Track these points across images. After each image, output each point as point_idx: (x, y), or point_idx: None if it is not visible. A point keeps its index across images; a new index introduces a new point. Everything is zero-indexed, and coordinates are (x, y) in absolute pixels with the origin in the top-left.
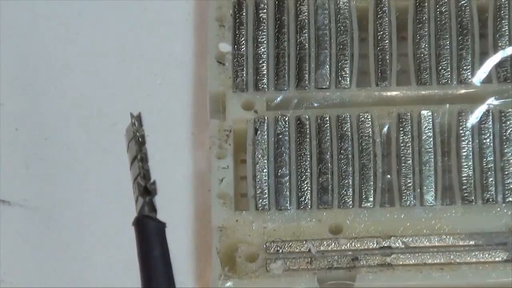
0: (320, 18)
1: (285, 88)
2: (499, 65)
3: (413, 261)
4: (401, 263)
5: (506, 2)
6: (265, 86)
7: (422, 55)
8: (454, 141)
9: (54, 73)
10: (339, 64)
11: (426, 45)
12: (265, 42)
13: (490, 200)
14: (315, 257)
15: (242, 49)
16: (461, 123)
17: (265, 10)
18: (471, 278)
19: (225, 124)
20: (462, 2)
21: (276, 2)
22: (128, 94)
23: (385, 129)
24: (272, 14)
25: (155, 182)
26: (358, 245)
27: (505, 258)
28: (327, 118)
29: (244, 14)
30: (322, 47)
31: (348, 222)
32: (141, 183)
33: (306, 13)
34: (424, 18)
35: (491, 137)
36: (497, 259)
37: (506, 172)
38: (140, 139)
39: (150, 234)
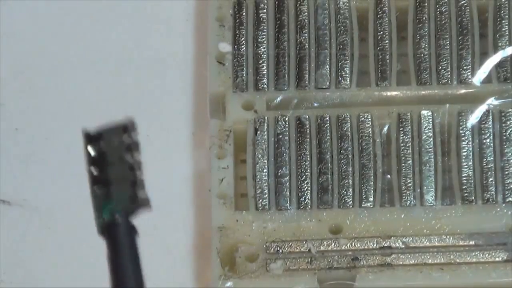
0: (320, 18)
1: (285, 88)
2: (499, 65)
3: (413, 261)
4: (401, 263)
5: (506, 2)
6: (265, 86)
7: (422, 55)
8: (454, 141)
9: (54, 73)
10: (339, 64)
11: (426, 45)
12: (265, 42)
13: (490, 200)
14: (315, 257)
15: (242, 49)
16: (461, 123)
17: (265, 10)
18: (471, 278)
19: (225, 124)
20: (462, 2)
21: (276, 2)
22: (128, 94)
23: (385, 129)
24: (272, 14)
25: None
26: (358, 245)
27: (505, 258)
28: (327, 118)
29: (244, 14)
30: (322, 47)
31: (348, 222)
32: (136, 191)
33: (306, 13)
34: (424, 18)
35: (491, 137)
36: (497, 259)
37: (506, 172)
38: (133, 147)
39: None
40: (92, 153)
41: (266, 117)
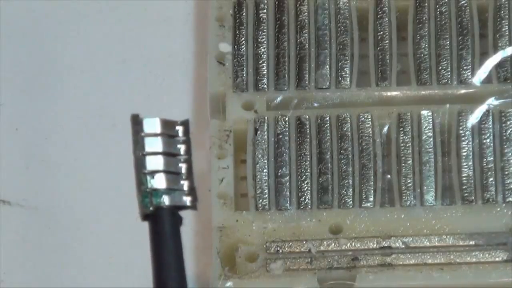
0: (320, 18)
1: (285, 88)
2: (499, 65)
3: (413, 261)
4: (401, 263)
5: (506, 2)
6: (265, 86)
7: (422, 55)
8: (454, 141)
9: (54, 73)
10: (339, 64)
11: (426, 45)
12: (265, 42)
13: (490, 200)
14: (315, 257)
15: (242, 49)
16: (461, 123)
17: (265, 10)
18: (471, 278)
19: (225, 124)
20: (462, 2)
21: (276, 2)
22: (128, 94)
23: (385, 129)
24: (272, 14)
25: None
26: (358, 245)
27: (505, 258)
28: (327, 118)
29: (244, 14)
30: (322, 47)
31: (348, 222)
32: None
33: (306, 13)
34: (424, 18)
35: (491, 137)
36: (497, 259)
37: (506, 172)
38: (187, 143)
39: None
40: (146, 137)
41: (266, 117)
